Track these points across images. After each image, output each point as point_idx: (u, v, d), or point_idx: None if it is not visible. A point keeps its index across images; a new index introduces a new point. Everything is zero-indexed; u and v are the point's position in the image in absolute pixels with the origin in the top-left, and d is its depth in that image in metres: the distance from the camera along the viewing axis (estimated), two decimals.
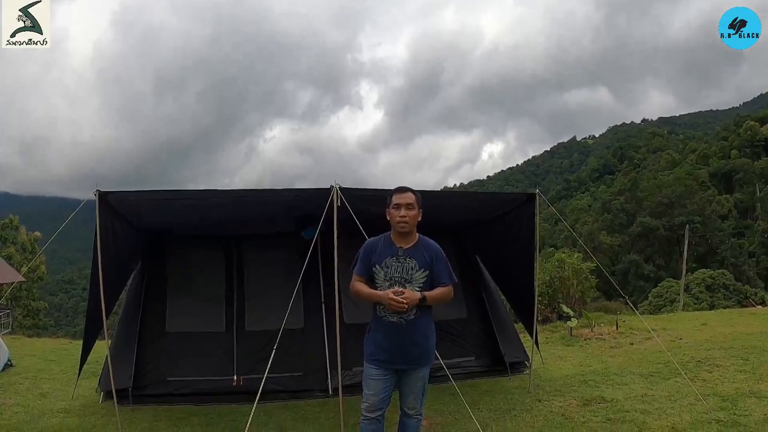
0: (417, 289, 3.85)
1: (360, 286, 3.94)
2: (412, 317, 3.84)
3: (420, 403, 4.05)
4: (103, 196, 5.44)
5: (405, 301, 3.70)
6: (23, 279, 34.97)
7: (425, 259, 3.90)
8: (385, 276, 3.89)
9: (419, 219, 3.96)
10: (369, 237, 4.28)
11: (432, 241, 4.03)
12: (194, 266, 7.71)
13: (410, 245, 3.94)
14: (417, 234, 4.01)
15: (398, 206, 3.90)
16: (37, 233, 47.91)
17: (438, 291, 3.88)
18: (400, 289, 3.77)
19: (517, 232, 7.02)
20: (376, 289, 3.92)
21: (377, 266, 3.93)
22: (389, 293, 3.73)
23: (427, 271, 3.89)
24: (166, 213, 6.80)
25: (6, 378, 8.27)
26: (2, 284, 28.48)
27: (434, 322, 4.10)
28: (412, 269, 3.88)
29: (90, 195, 5.45)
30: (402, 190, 3.99)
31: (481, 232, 8.00)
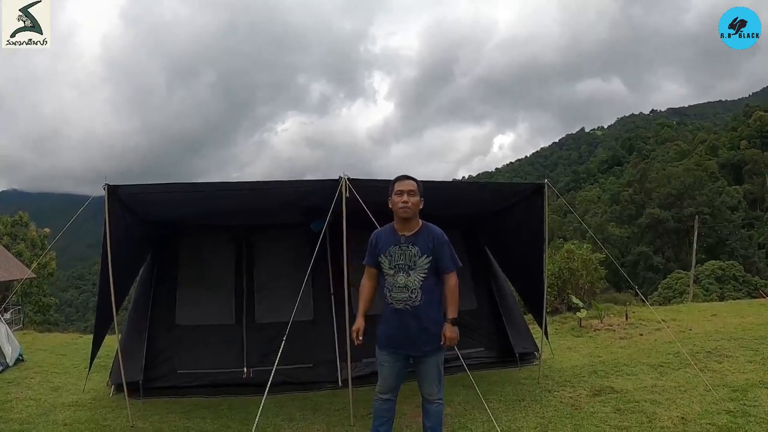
0: (422, 275, 3.91)
1: (362, 291, 4.18)
2: (418, 303, 3.91)
3: (437, 388, 4.09)
4: (112, 190, 5.44)
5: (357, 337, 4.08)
6: (33, 275, 35.21)
7: (427, 245, 3.95)
8: (390, 264, 3.97)
9: (421, 206, 4.02)
10: (380, 227, 4.34)
11: (435, 227, 4.07)
12: (204, 258, 7.71)
13: (412, 232, 4.00)
14: (420, 221, 4.06)
15: (401, 192, 3.97)
16: (47, 230, 48.27)
17: (450, 296, 3.97)
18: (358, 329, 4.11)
19: (526, 222, 6.99)
20: (384, 277, 4.04)
21: (382, 255, 4.01)
22: (354, 328, 4.11)
23: (430, 257, 3.94)
24: (175, 206, 6.80)
25: (18, 372, 8.33)
26: (13, 281, 28.70)
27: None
28: (414, 256, 3.93)
29: (100, 190, 5.43)
30: (403, 177, 4.09)
31: (491, 223, 7.98)
